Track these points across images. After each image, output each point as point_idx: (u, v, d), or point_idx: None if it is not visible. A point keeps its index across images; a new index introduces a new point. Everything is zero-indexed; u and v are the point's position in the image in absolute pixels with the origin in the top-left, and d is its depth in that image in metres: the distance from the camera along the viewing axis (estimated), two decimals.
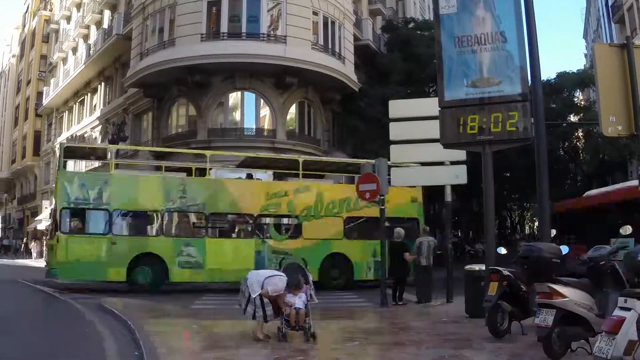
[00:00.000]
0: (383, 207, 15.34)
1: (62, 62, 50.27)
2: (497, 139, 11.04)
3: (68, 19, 51.23)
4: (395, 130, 15.35)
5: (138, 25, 31.08)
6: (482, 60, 11.21)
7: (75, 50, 46.70)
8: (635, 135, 9.74)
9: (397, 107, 15.95)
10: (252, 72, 28.26)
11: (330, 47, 29.79)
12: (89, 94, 44.19)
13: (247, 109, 29.43)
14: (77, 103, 46.82)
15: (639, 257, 6.59)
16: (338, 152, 31.90)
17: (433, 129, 12.20)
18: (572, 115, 39.23)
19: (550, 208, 12.05)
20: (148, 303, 15.33)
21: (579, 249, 12.04)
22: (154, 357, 8.13)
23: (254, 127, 29.46)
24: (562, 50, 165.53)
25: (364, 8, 37.51)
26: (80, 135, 44.47)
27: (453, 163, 14.92)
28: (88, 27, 44.05)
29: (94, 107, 43.06)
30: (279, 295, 9.24)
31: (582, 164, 40.08)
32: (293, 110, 30.49)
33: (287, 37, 27.86)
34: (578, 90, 39.16)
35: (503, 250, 12.48)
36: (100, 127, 40.51)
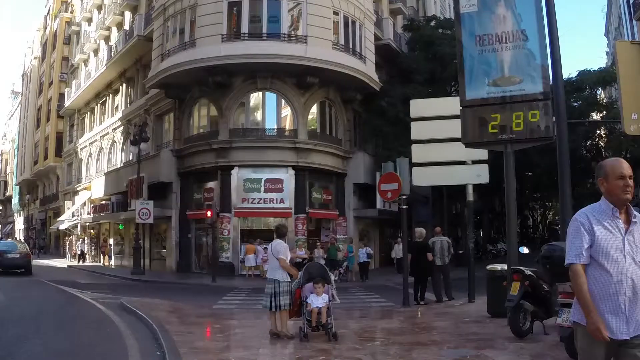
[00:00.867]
0: (405, 206, 15.33)
1: (83, 63, 50.63)
2: (518, 138, 10.97)
3: (89, 21, 51.57)
4: (417, 130, 15.25)
5: (159, 27, 31.23)
6: (503, 59, 11.14)
7: (97, 52, 47.01)
8: None
9: (418, 106, 15.77)
10: (273, 72, 28.28)
11: (351, 46, 29.71)
12: (111, 95, 44.46)
13: (268, 109, 29.43)
14: (98, 104, 47.11)
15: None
16: (360, 151, 31.91)
17: (455, 128, 12.17)
18: (594, 114, 38.91)
19: (572, 207, 11.96)
20: (168, 302, 15.47)
21: None
22: (176, 356, 8.21)
23: (275, 127, 29.47)
24: (583, 49, 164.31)
25: (385, 7, 37.40)
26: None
27: (475, 162, 14.79)
28: (109, 28, 44.33)
29: (116, 108, 43.30)
30: (300, 290, 9.48)
31: None
32: (314, 110, 30.43)
33: (307, 37, 27.83)
34: (600, 89, 38.78)
35: (525, 250, 12.41)
36: (122, 128, 40.77)
